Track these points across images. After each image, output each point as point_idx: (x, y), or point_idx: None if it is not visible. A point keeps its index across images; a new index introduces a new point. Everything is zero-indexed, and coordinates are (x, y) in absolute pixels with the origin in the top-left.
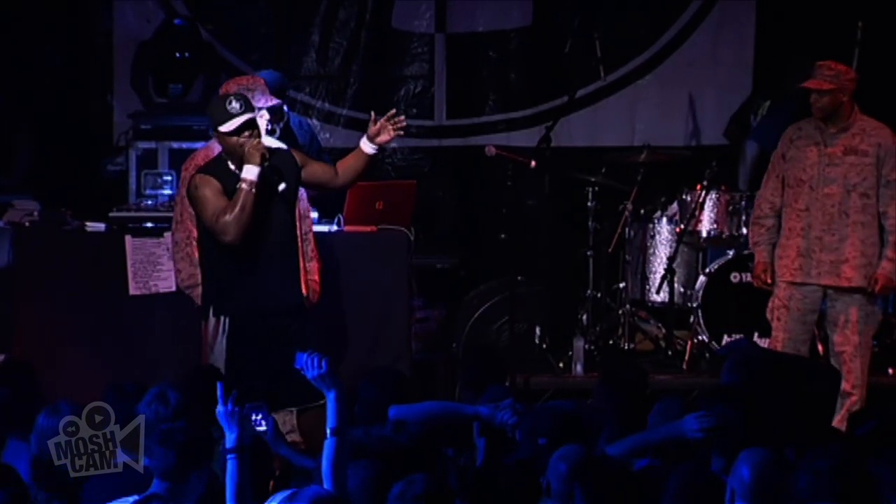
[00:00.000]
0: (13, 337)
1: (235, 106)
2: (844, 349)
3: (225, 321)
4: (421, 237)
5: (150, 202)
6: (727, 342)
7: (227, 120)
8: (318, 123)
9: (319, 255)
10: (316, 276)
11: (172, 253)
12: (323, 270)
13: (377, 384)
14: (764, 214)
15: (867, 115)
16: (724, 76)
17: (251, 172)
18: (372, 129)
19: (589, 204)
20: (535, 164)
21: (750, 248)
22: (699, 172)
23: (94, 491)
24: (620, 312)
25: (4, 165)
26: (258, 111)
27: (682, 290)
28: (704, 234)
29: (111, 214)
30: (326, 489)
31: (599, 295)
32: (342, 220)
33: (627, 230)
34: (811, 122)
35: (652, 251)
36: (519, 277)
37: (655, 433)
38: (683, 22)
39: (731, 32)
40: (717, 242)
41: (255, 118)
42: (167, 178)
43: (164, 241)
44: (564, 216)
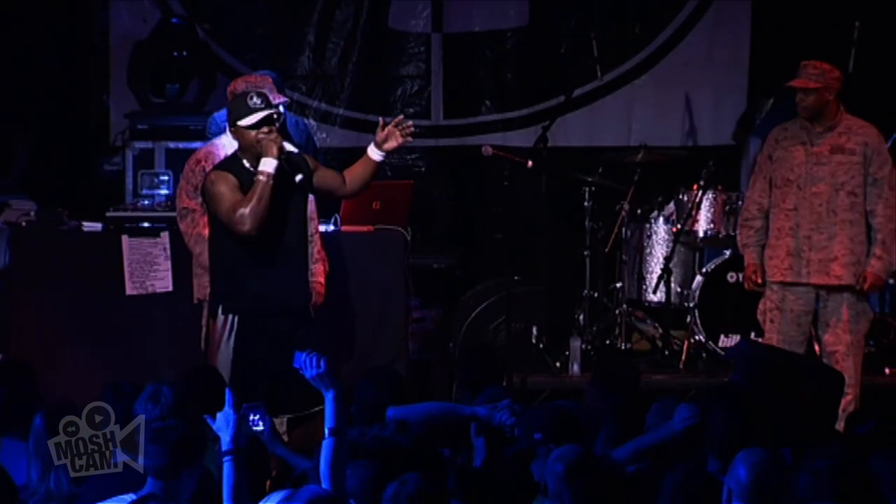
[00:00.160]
0: (10, 336)
1: (256, 101)
2: (836, 349)
3: (234, 320)
4: (418, 237)
5: (146, 202)
6: (734, 344)
7: (247, 115)
8: (314, 123)
9: (328, 256)
10: (321, 278)
11: (188, 238)
12: (328, 273)
13: (374, 384)
14: (752, 216)
15: (865, 115)
16: (720, 76)
17: (269, 164)
18: (380, 135)
19: (586, 204)
20: (531, 163)
21: (739, 250)
22: (696, 172)
23: (92, 490)
24: (617, 312)
25: (2, 165)
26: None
27: (678, 289)
28: (701, 233)
29: (108, 214)
30: (324, 489)
31: (596, 295)
32: (339, 219)
33: (624, 230)
34: (796, 122)
35: (649, 251)
36: (516, 277)
37: (656, 434)
38: (679, 22)
39: (727, 32)
40: (713, 242)
41: (273, 114)
42: (164, 177)
43: (160, 240)
44: (561, 216)
